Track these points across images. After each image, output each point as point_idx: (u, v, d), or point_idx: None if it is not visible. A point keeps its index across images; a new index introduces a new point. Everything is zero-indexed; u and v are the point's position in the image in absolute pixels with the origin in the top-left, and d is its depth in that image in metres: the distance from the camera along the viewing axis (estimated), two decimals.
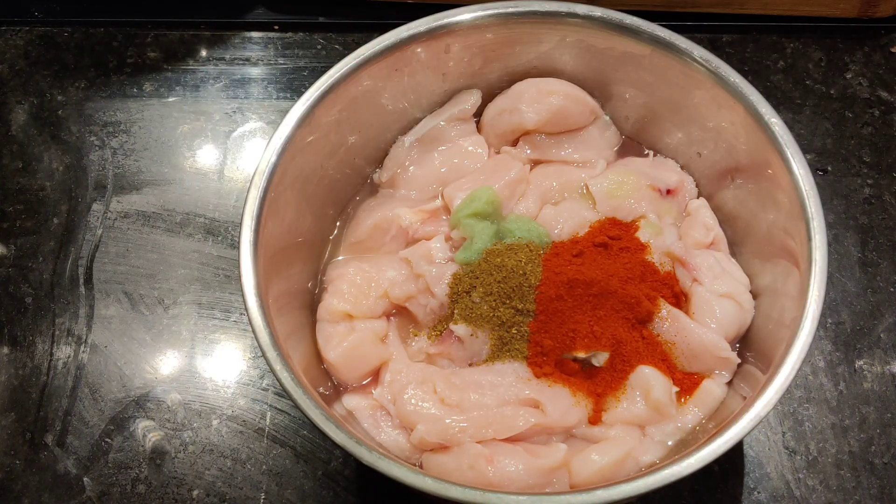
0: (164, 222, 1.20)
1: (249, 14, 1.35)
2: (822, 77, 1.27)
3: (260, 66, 1.32)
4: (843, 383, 1.06)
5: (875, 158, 1.21)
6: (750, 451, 1.02)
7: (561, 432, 0.89)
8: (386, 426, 0.90)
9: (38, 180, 1.23)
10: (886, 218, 1.17)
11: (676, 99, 1.01)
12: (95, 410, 1.07)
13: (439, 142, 1.05)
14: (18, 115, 1.29)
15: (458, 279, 0.93)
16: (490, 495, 0.75)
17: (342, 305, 0.95)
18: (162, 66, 1.32)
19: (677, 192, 1.03)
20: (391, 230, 1.00)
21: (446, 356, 0.93)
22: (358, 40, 1.32)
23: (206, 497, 1.02)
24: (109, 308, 1.14)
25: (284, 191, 0.92)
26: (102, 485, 1.03)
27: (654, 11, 1.27)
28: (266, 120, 1.27)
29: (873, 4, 1.28)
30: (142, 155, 1.25)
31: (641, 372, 0.89)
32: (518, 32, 1.01)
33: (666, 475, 0.76)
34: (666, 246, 0.97)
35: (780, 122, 0.91)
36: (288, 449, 1.04)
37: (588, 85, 1.06)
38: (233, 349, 1.11)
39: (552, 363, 0.89)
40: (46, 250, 1.18)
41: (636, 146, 1.09)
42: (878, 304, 1.11)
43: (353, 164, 1.05)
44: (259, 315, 0.84)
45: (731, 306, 0.93)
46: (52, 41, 1.35)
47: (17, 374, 1.10)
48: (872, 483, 1.01)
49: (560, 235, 0.98)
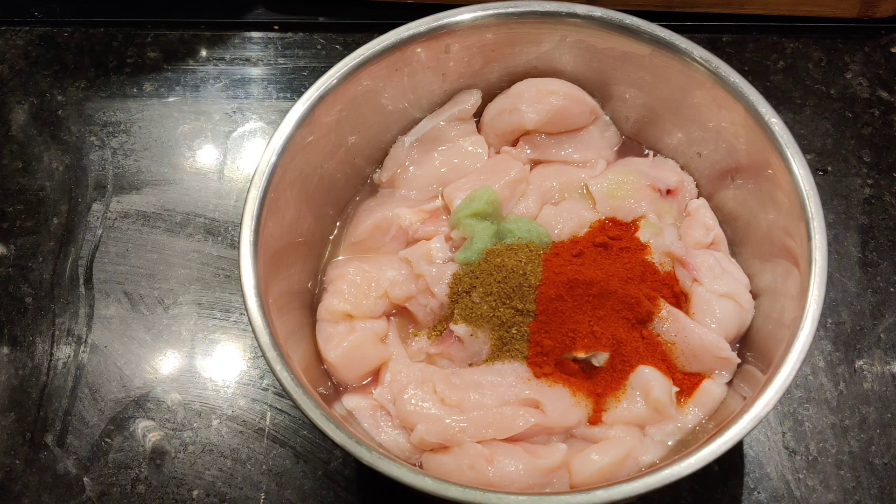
0: (164, 222, 1.20)
1: (249, 14, 1.35)
2: (822, 77, 1.27)
3: (260, 66, 1.32)
4: (843, 383, 1.06)
5: (875, 158, 1.21)
6: (750, 451, 1.02)
7: (561, 432, 0.89)
8: (386, 426, 0.90)
9: (38, 180, 1.23)
10: (886, 218, 1.17)
11: (676, 99, 1.01)
12: (95, 410, 1.07)
13: (439, 142, 1.05)
14: (18, 115, 1.29)
15: (458, 279, 0.93)
16: (490, 495, 0.75)
17: (342, 305, 0.95)
18: (162, 66, 1.32)
19: (677, 192, 1.03)
20: (391, 230, 1.00)
21: (446, 356, 0.93)
22: (358, 40, 1.32)
23: (206, 497, 1.02)
24: (109, 308, 1.14)
25: (284, 191, 0.92)
26: (102, 485, 1.03)
27: (654, 11, 1.27)
28: (266, 120, 1.27)
29: (873, 4, 1.28)
30: (142, 155, 1.25)
31: (641, 372, 0.89)
32: (518, 32, 1.01)
33: (666, 475, 0.76)
34: (666, 246, 0.97)
35: (780, 122, 0.91)
36: (288, 449, 1.04)
37: (588, 85, 1.06)
38: (233, 349, 1.11)
39: (552, 363, 0.89)
40: (46, 250, 1.18)
41: (636, 146, 1.09)
42: (878, 304, 1.11)
43: (353, 164, 1.05)
44: (259, 315, 0.84)
45: (731, 306, 0.93)
46: (52, 41, 1.35)
47: (17, 374, 1.10)
48: (872, 483, 1.01)
49: (560, 235, 0.98)
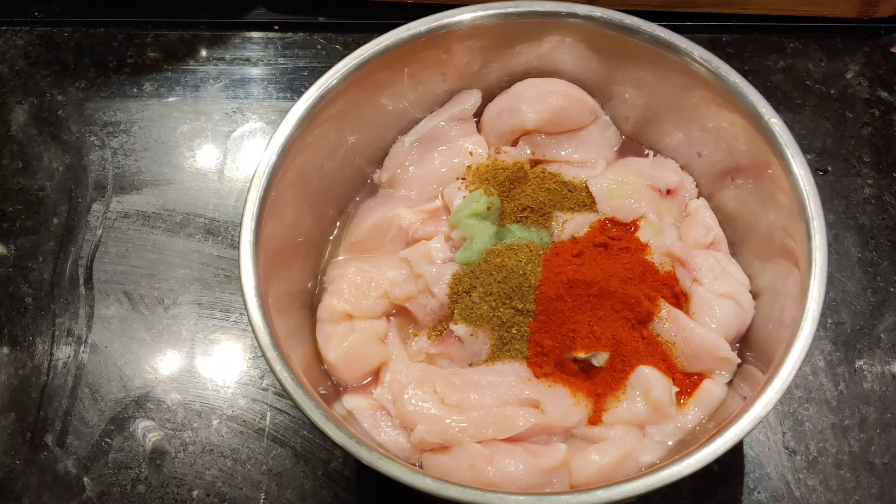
0: (164, 222, 1.20)
1: (249, 14, 1.35)
2: (822, 77, 1.27)
3: (260, 66, 1.32)
4: (843, 383, 1.06)
5: (875, 158, 1.21)
6: (750, 451, 1.03)
7: (561, 432, 0.89)
8: (386, 426, 0.90)
9: (38, 180, 1.23)
10: (886, 218, 1.17)
11: (676, 99, 1.01)
12: (95, 410, 1.07)
13: (439, 142, 1.05)
14: (18, 115, 1.29)
15: (458, 279, 0.93)
16: (490, 495, 0.75)
17: (342, 305, 0.95)
18: (162, 66, 1.32)
19: (677, 192, 1.03)
20: (391, 230, 1.01)
21: (446, 356, 0.93)
22: (358, 40, 1.32)
23: (206, 497, 1.02)
24: (109, 308, 1.14)
25: (284, 191, 0.92)
26: (102, 485, 1.03)
27: (654, 11, 1.27)
28: (266, 120, 1.27)
29: (873, 4, 1.28)
30: (142, 155, 1.25)
31: (641, 372, 0.89)
32: (518, 32, 1.01)
33: (666, 475, 0.76)
34: (666, 246, 0.97)
35: (780, 122, 0.91)
36: (288, 449, 1.04)
37: (588, 85, 1.06)
38: (233, 349, 1.11)
39: (552, 363, 0.89)
40: (46, 250, 1.18)
41: (636, 146, 1.09)
42: (878, 304, 1.11)
43: (353, 164, 1.05)
44: (259, 315, 0.84)
45: (731, 306, 0.93)
46: (52, 41, 1.35)
47: (17, 374, 1.10)
48: (872, 483, 1.01)
49: (560, 235, 0.98)
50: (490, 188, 0.99)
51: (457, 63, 1.03)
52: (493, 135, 1.06)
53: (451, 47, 1.01)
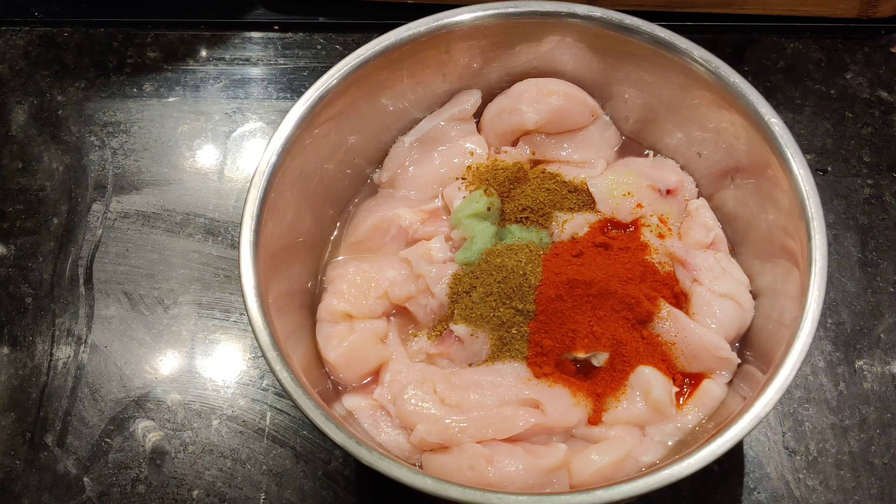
0: (164, 222, 1.20)
1: (249, 14, 1.35)
2: (822, 77, 1.27)
3: (260, 66, 1.32)
4: (843, 383, 1.06)
5: (875, 158, 1.21)
6: (750, 451, 1.03)
7: (561, 432, 0.89)
8: (386, 426, 0.90)
9: (38, 180, 1.23)
10: (886, 218, 1.17)
11: (676, 99, 1.01)
12: (95, 410, 1.07)
13: (439, 142, 1.05)
14: (18, 115, 1.29)
15: (458, 279, 0.94)
16: (490, 495, 0.75)
17: (342, 305, 0.95)
18: (162, 66, 1.32)
19: (677, 192, 1.03)
20: (391, 230, 1.01)
21: (446, 356, 0.93)
22: (358, 40, 1.32)
23: (206, 497, 1.03)
24: (109, 308, 1.14)
25: (284, 191, 0.92)
26: (102, 485, 1.03)
27: (654, 11, 1.27)
28: (266, 120, 1.27)
29: (873, 4, 1.28)
30: (142, 155, 1.25)
31: (641, 372, 0.89)
32: (518, 32, 1.01)
33: (666, 475, 0.76)
34: (666, 246, 0.97)
35: (780, 123, 0.91)
36: (288, 449, 1.04)
37: (588, 85, 1.06)
38: (233, 349, 1.11)
39: (552, 363, 0.89)
40: (46, 250, 1.18)
41: (636, 146, 1.09)
42: (878, 304, 1.11)
43: (353, 164, 1.05)
44: (259, 315, 0.84)
45: (731, 306, 0.93)
46: (52, 41, 1.35)
47: (17, 374, 1.10)
48: (872, 483, 1.01)
49: (560, 236, 0.98)
50: (490, 188, 0.99)
51: (457, 63, 1.03)
52: (493, 135, 1.06)
53: (451, 47, 1.01)
